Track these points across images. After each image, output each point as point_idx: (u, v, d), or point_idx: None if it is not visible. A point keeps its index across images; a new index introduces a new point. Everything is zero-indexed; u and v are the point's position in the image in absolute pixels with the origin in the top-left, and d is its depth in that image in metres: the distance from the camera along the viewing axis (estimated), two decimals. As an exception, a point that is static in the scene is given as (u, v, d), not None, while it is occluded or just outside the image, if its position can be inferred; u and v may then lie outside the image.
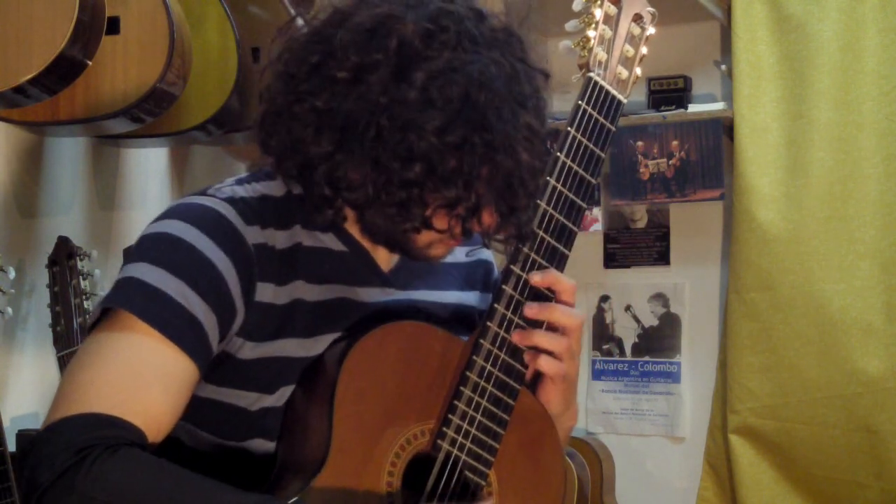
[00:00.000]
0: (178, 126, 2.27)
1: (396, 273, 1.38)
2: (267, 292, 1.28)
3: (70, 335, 2.21)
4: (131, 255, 1.28)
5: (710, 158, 3.28)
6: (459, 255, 1.48)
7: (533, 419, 1.38)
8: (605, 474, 3.29)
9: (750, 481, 3.21)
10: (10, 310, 2.17)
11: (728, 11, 3.25)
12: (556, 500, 1.40)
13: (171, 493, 1.16)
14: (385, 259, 1.37)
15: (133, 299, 1.22)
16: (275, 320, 1.28)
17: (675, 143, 3.32)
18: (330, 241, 1.33)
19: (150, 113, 2.12)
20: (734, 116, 3.21)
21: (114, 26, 2.06)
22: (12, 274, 2.15)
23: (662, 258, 3.50)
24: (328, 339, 1.31)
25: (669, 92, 3.37)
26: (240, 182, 1.34)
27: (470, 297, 1.48)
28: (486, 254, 1.53)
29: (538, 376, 1.39)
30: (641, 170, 3.33)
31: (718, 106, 3.31)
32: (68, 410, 1.17)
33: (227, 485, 1.18)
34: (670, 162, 3.32)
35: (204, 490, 1.17)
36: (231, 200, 1.29)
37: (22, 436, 2.16)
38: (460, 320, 1.44)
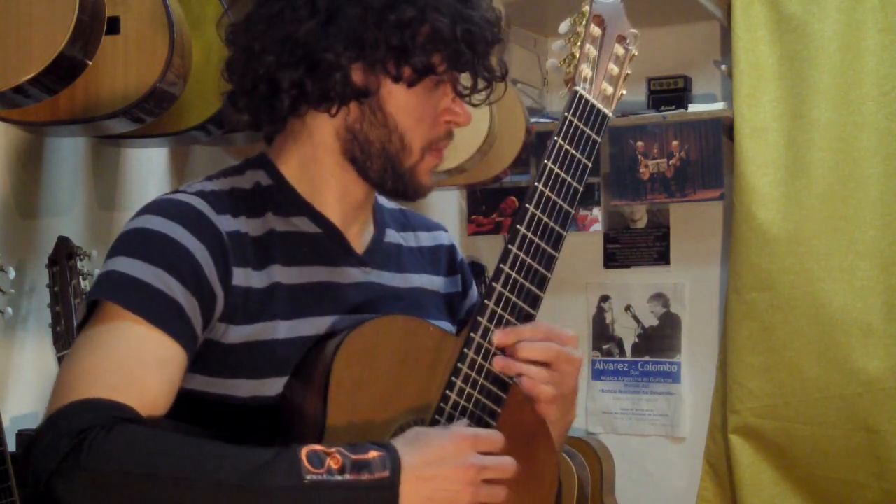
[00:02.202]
0: (178, 126, 2.27)
1: (369, 255, 1.45)
2: (244, 276, 1.32)
3: (70, 335, 2.20)
4: (110, 252, 1.32)
5: (710, 158, 3.29)
6: (423, 240, 1.55)
7: (525, 415, 1.41)
8: (605, 474, 3.29)
9: (750, 481, 3.22)
10: (10, 310, 2.16)
11: (728, 11, 3.25)
12: (549, 494, 1.42)
13: (175, 454, 1.19)
14: (357, 241, 1.44)
15: (115, 290, 1.27)
16: (255, 304, 1.33)
17: (675, 143, 3.32)
18: (303, 224, 1.39)
19: (150, 113, 2.12)
20: (734, 116, 3.21)
21: (114, 26, 2.06)
22: (12, 274, 2.15)
23: (662, 258, 3.50)
24: (311, 321, 1.36)
25: (669, 92, 3.37)
26: (209, 178, 1.40)
27: (435, 282, 1.54)
28: (446, 238, 1.60)
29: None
30: (641, 170, 3.33)
31: (718, 106, 3.31)
32: (65, 400, 1.21)
33: (227, 443, 1.22)
34: (670, 162, 3.32)
35: (205, 447, 1.21)
36: (201, 194, 1.35)
37: (22, 436, 2.16)
38: (425, 303, 1.50)
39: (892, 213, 3.05)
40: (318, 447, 1.20)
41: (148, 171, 2.65)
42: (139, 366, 1.24)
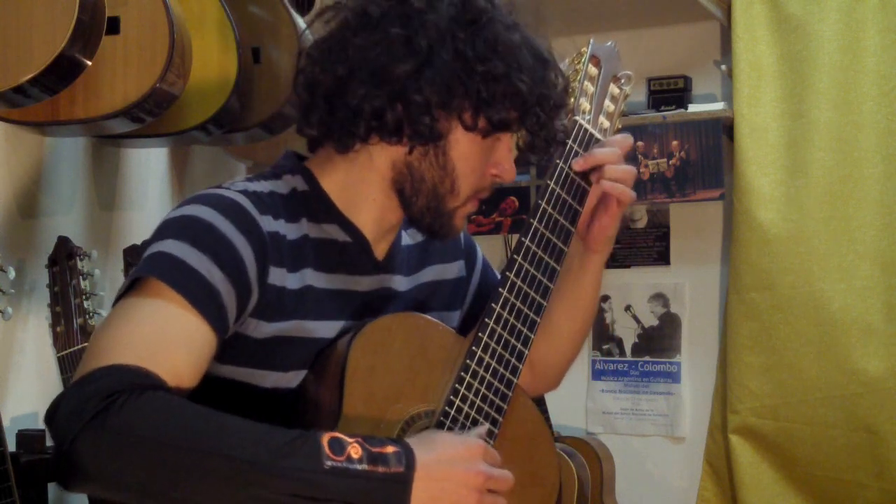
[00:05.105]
0: (178, 126, 2.27)
1: (388, 260, 1.52)
2: (279, 276, 1.38)
3: (70, 335, 2.21)
4: (155, 235, 1.37)
5: (710, 158, 3.28)
6: None
7: (527, 417, 1.49)
8: (605, 474, 3.29)
9: (750, 481, 3.21)
10: (10, 310, 2.16)
11: (728, 11, 3.25)
12: (551, 494, 1.48)
13: (201, 425, 1.23)
14: (381, 249, 1.51)
15: (161, 268, 1.31)
16: (287, 303, 1.38)
17: (675, 143, 3.32)
18: (334, 231, 1.46)
19: (150, 113, 2.12)
20: (734, 116, 3.21)
21: (114, 26, 2.06)
22: (12, 274, 2.15)
23: (662, 258, 3.50)
24: (335, 323, 1.42)
25: (669, 92, 3.37)
26: (248, 180, 1.45)
27: (442, 270, 1.61)
28: None
29: (598, 206, 1.56)
30: (641, 170, 3.33)
31: (718, 106, 3.31)
32: (97, 364, 1.25)
33: (253, 421, 1.26)
34: (670, 162, 3.32)
35: (235, 422, 1.25)
36: (245, 192, 1.40)
37: (22, 435, 2.16)
38: (430, 298, 1.57)
39: (892, 213, 3.05)
40: (339, 435, 1.25)
41: (148, 171, 2.66)
42: (173, 342, 1.29)
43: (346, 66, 1.41)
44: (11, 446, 2.10)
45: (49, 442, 2.20)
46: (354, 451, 1.24)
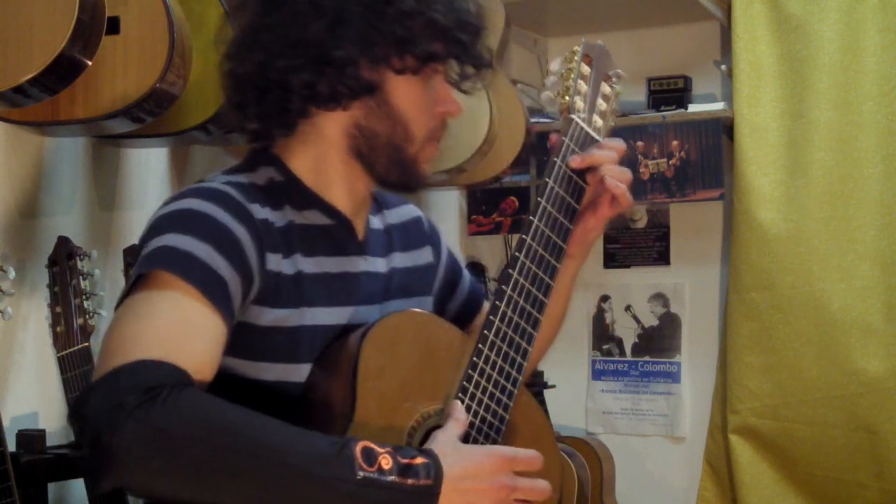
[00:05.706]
0: (178, 126, 2.27)
1: (365, 241, 1.53)
2: (276, 262, 1.39)
3: (70, 335, 2.20)
4: (150, 232, 1.36)
5: (710, 158, 3.29)
6: (390, 218, 1.62)
7: (531, 414, 1.52)
8: (605, 474, 3.29)
9: (750, 481, 3.22)
10: (10, 310, 2.16)
11: (728, 11, 3.25)
12: (555, 492, 1.47)
13: (240, 427, 1.23)
14: (359, 229, 1.52)
15: (168, 261, 1.31)
16: (285, 289, 1.39)
17: (675, 143, 3.32)
18: (316, 217, 1.47)
19: (150, 113, 2.12)
20: (734, 116, 3.21)
21: (114, 26, 2.06)
22: (12, 274, 2.15)
23: (662, 258, 3.50)
24: (329, 310, 1.44)
25: (669, 92, 3.37)
26: (225, 174, 1.47)
27: (407, 258, 1.62)
28: (412, 210, 1.68)
29: (585, 208, 1.57)
30: (641, 170, 3.33)
31: (718, 106, 3.31)
32: (124, 359, 1.23)
33: (293, 426, 1.26)
34: (670, 162, 3.32)
35: (272, 425, 1.25)
36: (229, 183, 1.41)
37: (22, 435, 2.16)
38: (408, 283, 1.59)
39: (892, 213, 3.05)
40: (372, 444, 1.26)
41: (148, 171, 2.65)
42: (191, 334, 1.28)
43: (263, 50, 1.42)
44: (11, 446, 2.09)
45: (49, 442, 2.20)
46: (385, 461, 1.25)
